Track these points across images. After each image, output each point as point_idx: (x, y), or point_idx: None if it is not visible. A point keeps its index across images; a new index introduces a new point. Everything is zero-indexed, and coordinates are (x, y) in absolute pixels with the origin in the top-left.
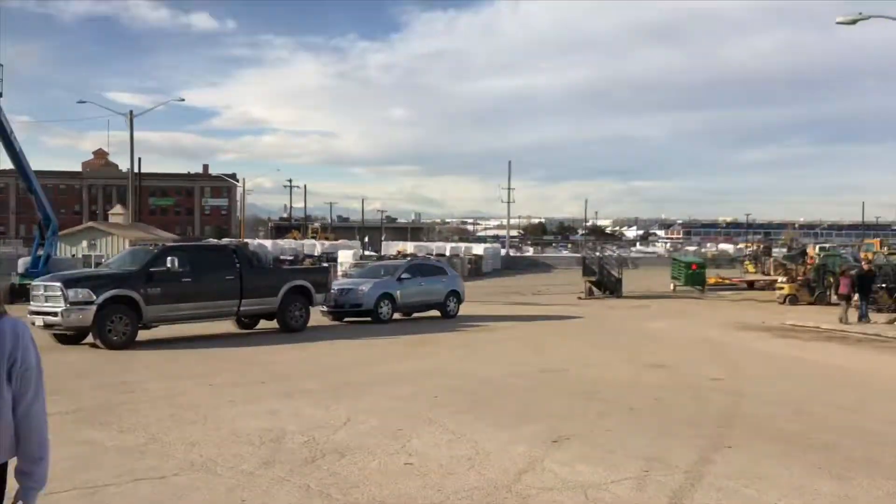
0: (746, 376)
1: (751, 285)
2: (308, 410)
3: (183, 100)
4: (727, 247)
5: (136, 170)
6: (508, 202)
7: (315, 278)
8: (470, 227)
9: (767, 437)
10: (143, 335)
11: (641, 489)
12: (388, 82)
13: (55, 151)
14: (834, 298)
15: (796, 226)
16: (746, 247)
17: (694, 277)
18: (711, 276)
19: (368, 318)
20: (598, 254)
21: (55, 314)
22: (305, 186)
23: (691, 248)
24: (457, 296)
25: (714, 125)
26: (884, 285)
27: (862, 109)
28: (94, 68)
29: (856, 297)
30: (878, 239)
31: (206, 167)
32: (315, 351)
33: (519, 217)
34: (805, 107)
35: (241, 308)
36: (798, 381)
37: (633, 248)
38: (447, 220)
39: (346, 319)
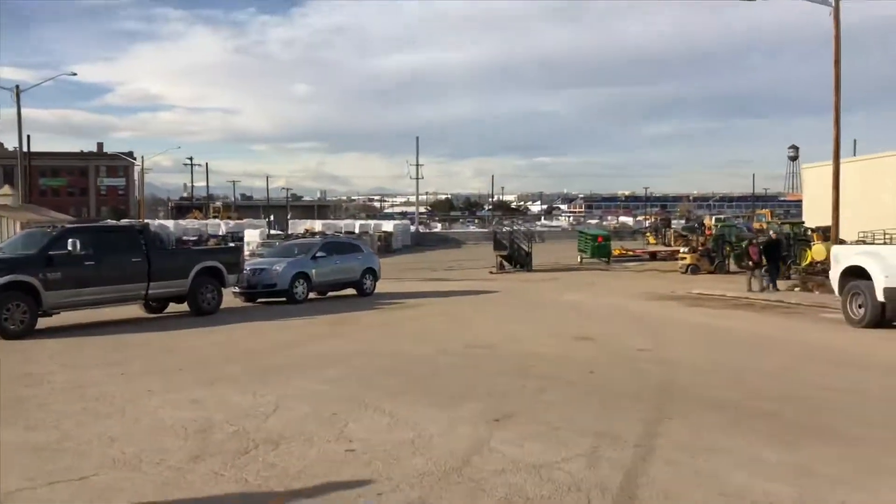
0: (672, 346)
1: (653, 256)
2: (234, 398)
3: (75, 74)
4: (627, 219)
5: (24, 148)
6: (417, 178)
7: (226, 259)
8: (377, 205)
9: (708, 406)
10: (44, 322)
11: (594, 466)
12: (289, 57)
13: None
14: (733, 267)
15: (690, 198)
16: (645, 219)
17: (600, 250)
18: (616, 248)
19: (283, 299)
20: (508, 229)
21: None
22: (207, 165)
23: (593, 222)
24: (373, 273)
25: (614, 102)
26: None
27: (752, 86)
28: None
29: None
30: (769, 209)
31: (100, 145)
32: (231, 334)
33: (426, 193)
34: (699, 83)
35: (150, 291)
36: (723, 349)
37: (538, 223)
38: (353, 198)
39: (260, 300)
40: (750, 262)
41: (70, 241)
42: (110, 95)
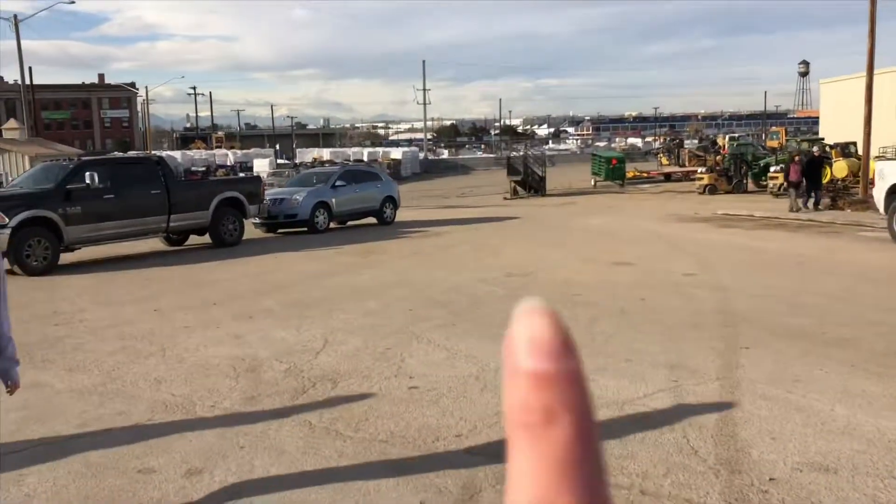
0: (717, 269)
1: (668, 177)
2: (277, 333)
3: (73, 1)
4: (636, 141)
5: (27, 81)
6: (424, 104)
7: (247, 189)
8: (381, 132)
9: (779, 334)
10: (65, 258)
11: (681, 400)
12: None
13: None
14: (751, 186)
15: (699, 117)
16: (654, 140)
17: (614, 172)
18: (629, 170)
19: (304, 229)
20: (521, 153)
21: None
22: (211, 94)
23: (601, 144)
24: (393, 202)
25: (618, 20)
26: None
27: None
28: None
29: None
30: (783, 127)
31: (101, 77)
32: (260, 266)
33: (431, 119)
34: None
35: (171, 224)
36: (771, 272)
37: (545, 146)
38: (356, 125)
39: (280, 231)
40: (788, 181)
41: (88, 174)
42: (107, 25)
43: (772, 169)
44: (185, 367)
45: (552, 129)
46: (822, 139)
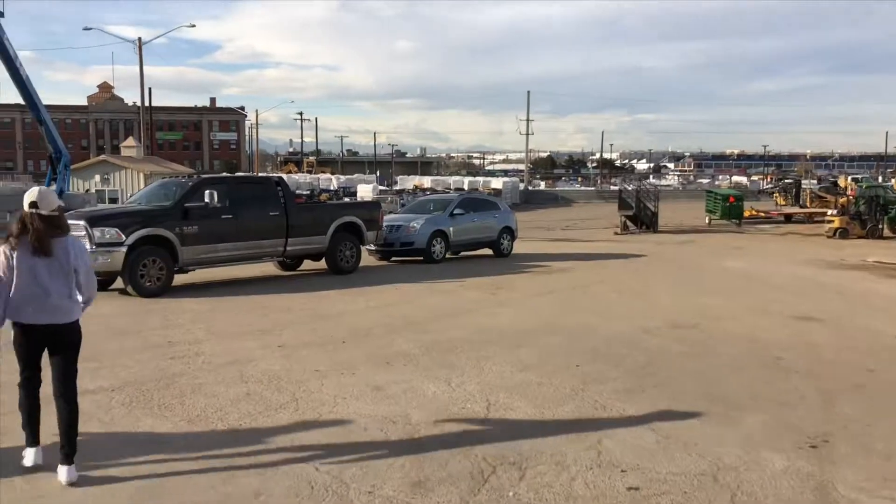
0: None
1: (788, 218)
2: (424, 386)
3: (194, 25)
4: (741, 179)
5: (146, 101)
6: (527, 134)
7: (366, 214)
8: (476, 162)
9: None
10: (177, 279)
11: None
12: (391, 13)
13: (58, 86)
14: (886, 232)
15: (808, 157)
16: (761, 179)
17: (731, 210)
18: (745, 208)
19: (419, 258)
20: (634, 187)
21: None
22: (316, 120)
23: (704, 181)
24: (510, 233)
25: (720, 56)
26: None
27: (869, 38)
28: (93, 2)
29: None
30: None
31: (213, 100)
32: (382, 298)
33: (527, 151)
34: (812, 36)
35: (288, 248)
36: None
37: (646, 182)
38: (452, 155)
39: (394, 259)
40: None
41: (207, 192)
42: (219, 53)
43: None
44: (325, 429)
45: (651, 164)
46: None
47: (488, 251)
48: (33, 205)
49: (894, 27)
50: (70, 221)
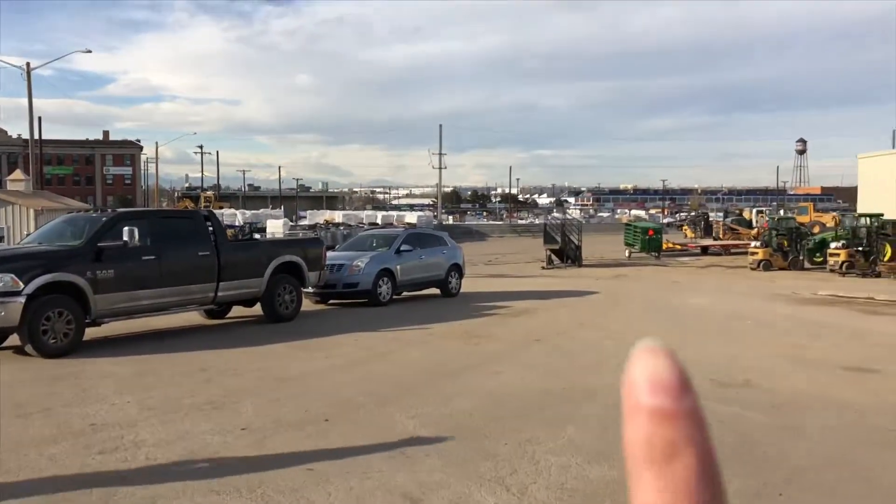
0: None
1: (704, 250)
2: (476, 493)
3: (90, 51)
4: (640, 212)
5: (35, 132)
6: (440, 168)
7: (308, 252)
8: (380, 196)
9: None
10: (88, 333)
11: None
12: (291, 48)
13: None
14: (807, 265)
15: (699, 191)
16: (660, 213)
17: (650, 243)
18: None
19: (363, 300)
20: (559, 220)
21: None
22: (218, 153)
23: (605, 214)
24: (459, 270)
25: (615, 95)
26: (859, 249)
27: (754, 79)
28: None
29: None
30: (810, 203)
31: (106, 133)
32: (345, 353)
33: (427, 186)
34: (702, 77)
35: (220, 293)
36: None
37: (550, 216)
38: (355, 189)
39: (332, 301)
40: None
41: (126, 229)
42: (112, 86)
43: (832, 245)
44: None
45: (553, 199)
46: (882, 214)
47: (433, 290)
48: None
49: (773, 71)
50: None
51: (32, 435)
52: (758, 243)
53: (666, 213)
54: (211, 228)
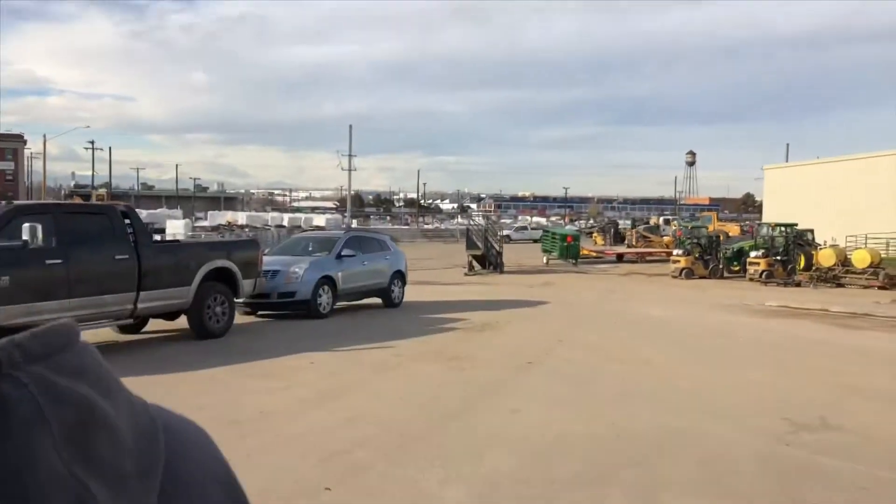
0: None
1: (620, 257)
2: None
3: None
4: (541, 219)
5: None
6: (350, 169)
7: (242, 256)
8: (279, 198)
9: None
10: None
11: None
12: (188, 45)
13: None
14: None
15: (595, 200)
16: (562, 219)
17: (569, 250)
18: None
19: (299, 312)
20: (481, 226)
21: None
22: (111, 150)
23: (507, 221)
24: (402, 278)
25: (512, 104)
26: (778, 258)
27: (644, 93)
28: None
29: None
30: (714, 212)
31: None
32: (307, 382)
33: (327, 189)
34: (592, 90)
35: (139, 305)
36: None
37: (454, 221)
38: (252, 191)
39: (262, 313)
40: None
41: (26, 226)
42: None
43: (752, 254)
44: None
45: (455, 204)
46: (796, 224)
47: (370, 300)
48: None
49: (659, 86)
50: None
51: None
52: (680, 252)
53: (567, 220)
54: (130, 228)
